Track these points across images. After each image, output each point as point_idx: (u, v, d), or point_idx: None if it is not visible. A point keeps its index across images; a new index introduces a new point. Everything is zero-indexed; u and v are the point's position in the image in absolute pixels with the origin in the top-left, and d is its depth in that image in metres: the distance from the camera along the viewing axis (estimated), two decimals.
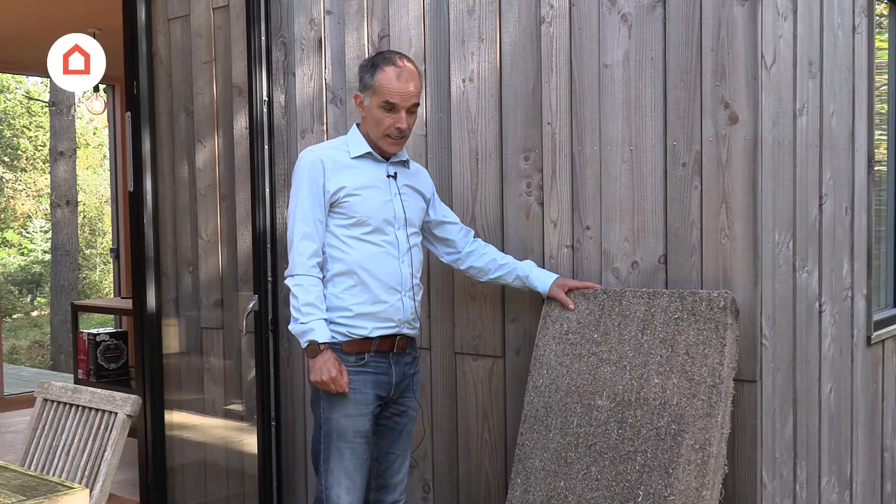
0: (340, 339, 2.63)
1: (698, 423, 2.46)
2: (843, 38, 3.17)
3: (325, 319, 2.60)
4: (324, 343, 2.56)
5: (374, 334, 2.65)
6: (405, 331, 2.72)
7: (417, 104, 2.68)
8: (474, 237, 2.96)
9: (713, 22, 2.57)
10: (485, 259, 2.89)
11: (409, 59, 2.69)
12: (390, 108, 2.63)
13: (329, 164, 2.64)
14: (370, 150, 2.70)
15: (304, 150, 2.73)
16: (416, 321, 2.77)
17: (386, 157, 2.73)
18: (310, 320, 2.57)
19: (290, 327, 2.64)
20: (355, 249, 2.64)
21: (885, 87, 3.89)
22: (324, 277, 2.66)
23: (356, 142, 2.72)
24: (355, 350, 2.64)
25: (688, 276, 2.65)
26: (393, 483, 2.81)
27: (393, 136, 2.66)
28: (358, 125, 2.77)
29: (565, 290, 2.80)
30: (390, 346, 2.69)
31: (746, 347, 2.57)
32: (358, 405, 2.63)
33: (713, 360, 2.49)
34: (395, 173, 2.73)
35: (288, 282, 2.64)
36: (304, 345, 2.59)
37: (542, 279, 2.83)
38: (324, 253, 2.66)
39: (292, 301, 2.62)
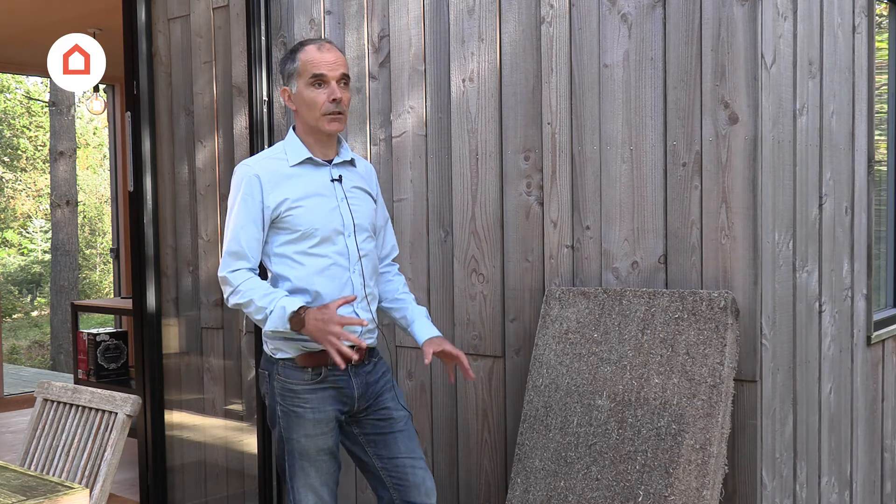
0: (293, 353, 2.49)
1: (698, 422, 2.46)
2: (843, 38, 3.17)
3: (287, 295, 2.43)
4: (301, 308, 2.38)
5: None
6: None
7: (347, 77, 2.52)
8: (393, 260, 2.80)
9: (713, 22, 2.57)
10: (388, 286, 2.73)
11: (330, 42, 2.56)
12: (320, 80, 2.47)
13: (266, 178, 2.47)
14: (310, 155, 2.52)
15: (240, 164, 2.54)
16: (373, 332, 2.60)
17: (328, 159, 2.56)
18: (274, 304, 2.39)
19: (265, 328, 2.45)
20: (303, 265, 2.48)
21: (885, 87, 3.90)
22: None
23: (294, 148, 2.54)
24: (311, 364, 2.49)
25: (688, 276, 2.65)
26: (414, 485, 2.57)
27: (331, 113, 2.48)
28: (294, 129, 2.59)
29: (438, 349, 2.60)
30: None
31: (746, 347, 2.57)
32: (318, 424, 2.49)
33: (713, 360, 2.49)
34: (340, 176, 2.56)
35: (232, 299, 2.47)
36: (285, 325, 2.39)
37: (422, 332, 2.65)
38: (270, 273, 2.53)
39: (249, 310, 2.45)
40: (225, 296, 2.51)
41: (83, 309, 6.06)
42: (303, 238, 2.49)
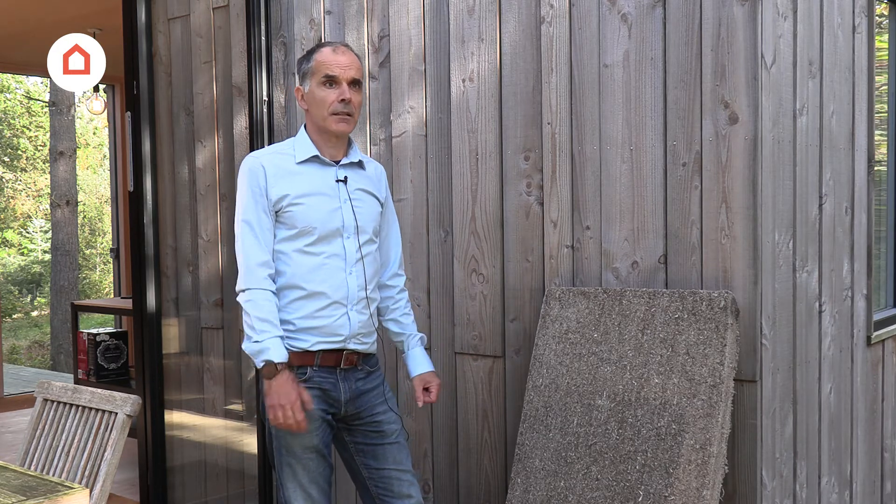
0: None
1: (698, 422, 2.46)
2: (843, 38, 3.17)
3: (281, 336, 2.44)
4: (280, 363, 2.39)
5: (316, 348, 2.49)
6: (353, 346, 2.54)
7: (359, 82, 2.55)
8: (403, 283, 2.78)
9: (713, 22, 2.57)
10: (388, 301, 2.73)
11: (346, 45, 2.60)
12: (331, 81, 2.51)
13: (271, 171, 2.49)
14: (317, 153, 2.54)
15: (248, 156, 2.57)
16: (370, 336, 2.60)
17: (336, 160, 2.57)
18: (265, 338, 2.41)
19: (243, 346, 2.47)
20: (297, 262, 2.49)
21: (885, 87, 3.90)
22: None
23: (302, 145, 2.56)
24: (297, 363, 2.48)
25: (688, 276, 2.65)
26: (398, 496, 2.59)
27: (338, 113, 2.51)
28: (305, 128, 2.61)
29: (425, 385, 2.69)
30: (336, 361, 2.52)
31: (746, 347, 2.57)
32: None
33: (713, 360, 2.49)
34: (346, 177, 2.56)
35: (240, 298, 2.48)
36: (258, 365, 2.42)
37: (415, 365, 2.71)
38: None
39: (245, 318, 2.45)
40: (237, 286, 2.50)
41: (83, 309, 6.06)
42: (300, 235, 2.49)
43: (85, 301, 7.83)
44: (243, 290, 2.48)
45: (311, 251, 2.50)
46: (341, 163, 2.58)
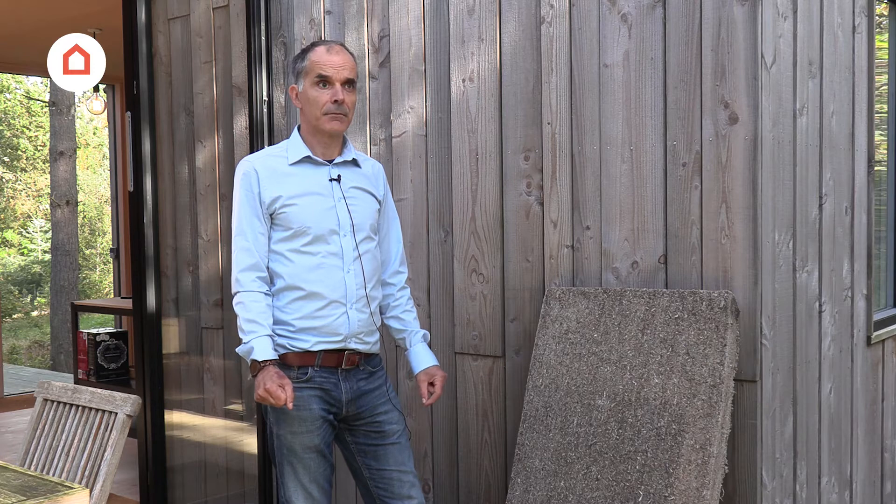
0: (282, 351, 2.51)
1: (698, 422, 2.46)
2: (843, 38, 3.17)
3: (269, 335, 2.47)
4: (265, 360, 2.43)
5: (317, 348, 2.50)
6: (353, 345, 2.54)
7: (353, 82, 2.54)
8: (405, 280, 2.78)
9: (713, 22, 2.57)
10: (389, 298, 2.73)
11: (341, 44, 2.60)
12: (324, 81, 2.51)
13: (264, 174, 2.51)
14: (309, 153, 2.54)
15: (242, 160, 2.59)
16: (371, 335, 2.60)
17: (329, 159, 2.58)
18: (251, 339, 2.45)
19: (237, 350, 2.51)
20: (294, 263, 2.50)
21: (885, 87, 3.90)
22: (271, 292, 2.55)
23: (295, 147, 2.57)
24: (297, 363, 2.51)
25: (688, 276, 2.65)
26: (399, 496, 2.59)
27: (332, 113, 2.51)
28: (299, 128, 2.62)
29: (430, 380, 2.67)
30: (337, 362, 2.53)
31: (746, 347, 2.57)
32: (303, 422, 2.49)
33: (713, 360, 2.49)
34: (339, 176, 2.57)
35: (234, 298, 2.53)
36: (248, 360, 2.48)
37: (418, 360, 2.69)
38: (268, 268, 2.54)
39: (238, 321, 2.50)
40: (231, 289, 2.56)
41: (83, 309, 6.06)
42: (296, 236, 2.51)
43: (85, 301, 7.83)
44: (234, 294, 2.53)
45: (307, 251, 2.51)
46: (335, 161, 2.58)
